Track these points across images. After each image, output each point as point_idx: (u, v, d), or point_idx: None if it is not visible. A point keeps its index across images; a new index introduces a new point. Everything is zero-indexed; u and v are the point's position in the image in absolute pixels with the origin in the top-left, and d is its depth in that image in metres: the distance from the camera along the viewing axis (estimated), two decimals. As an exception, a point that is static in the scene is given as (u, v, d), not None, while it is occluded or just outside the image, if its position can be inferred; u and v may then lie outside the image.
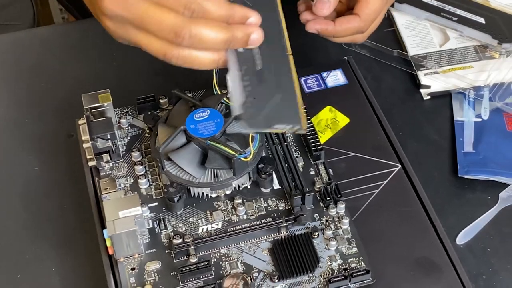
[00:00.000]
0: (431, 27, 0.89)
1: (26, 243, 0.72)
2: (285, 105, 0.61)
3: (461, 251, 0.71)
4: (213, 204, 0.68)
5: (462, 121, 0.80)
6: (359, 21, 0.72)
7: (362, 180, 0.70)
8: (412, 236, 0.67)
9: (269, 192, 0.68)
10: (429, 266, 0.65)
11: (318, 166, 0.70)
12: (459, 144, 0.78)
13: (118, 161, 0.71)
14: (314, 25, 0.73)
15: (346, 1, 0.75)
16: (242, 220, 0.67)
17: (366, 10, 0.72)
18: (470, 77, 0.83)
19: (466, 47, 0.86)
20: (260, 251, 0.65)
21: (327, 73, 0.79)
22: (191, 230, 0.66)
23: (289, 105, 0.61)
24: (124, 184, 0.70)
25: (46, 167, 0.78)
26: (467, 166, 0.76)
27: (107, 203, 0.64)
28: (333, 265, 0.64)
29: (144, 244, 0.65)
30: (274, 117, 0.60)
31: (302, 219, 0.65)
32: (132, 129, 0.74)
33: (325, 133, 0.74)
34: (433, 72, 0.84)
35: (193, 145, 0.67)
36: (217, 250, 0.65)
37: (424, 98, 0.83)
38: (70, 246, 0.72)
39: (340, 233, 0.66)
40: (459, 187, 0.76)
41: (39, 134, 0.81)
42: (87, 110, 0.70)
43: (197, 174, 0.66)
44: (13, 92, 0.85)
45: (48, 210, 0.75)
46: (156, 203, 0.68)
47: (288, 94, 0.61)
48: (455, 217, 0.73)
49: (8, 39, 0.93)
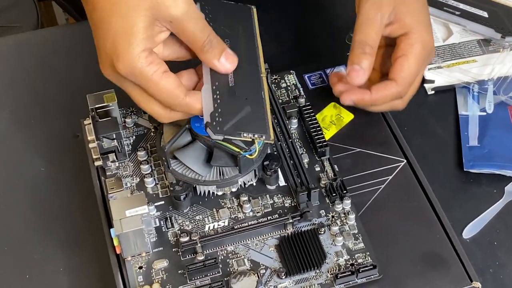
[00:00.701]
0: (434, 22, 0.88)
1: (34, 243, 0.72)
2: (254, 116, 0.63)
3: (467, 245, 0.71)
4: (219, 201, 0.68)
5: (467, 115, 0.80)
6: (396, 86, 0.69)
7: (368, 175, 0.70)
8: (418, 230, 0.67)
9: (275, 189, 0.69)
10: (436, 260, 0.65)
11: (323, 162, 0.71)
12: (464, 138, 0.78)
13: (124, 161, 0.71)
14: (350, 95, 0.70)
15: (379, 68, 0.73)
16: (249, 217, 0.67)
17: (402, 74, 0.69)
18: (474, 71, 0.83)
19: (469, 41, 0.86)
20: (267, 248, 0.65)
21: (330, 69, 0.79)
22: (198, 228, 0.67)
23: (258, 116, 0.64)
24: (131, 184, 0.70)
25: (53, 168, 0.79)
26: (472, 160, 0.76)
27: (113, 203, 0.64)
28: (340, 260, 0.64)
29: (151, 243, 0.66)
30: (243, 126, 0.63)
31: (308, 216, 0.65)
32: (138, 128, 0.74)
33: (330, 129, 0.74)
34: (437, 67, 0.84)
35: (198, 143, 0.67)
36: (224, 248, 0.65)
37: (428, 93, 0.83)
38: (77, 246, 0.72)
39: (346, 228, 0.66)
40: (465, 181, 0.76)
41: (46, 135, 0.81)
42: (93, 110, 0.71)
43: (203, 172, 0.66)
44: (19, 94, 0.86)
45: (55, 210, 0.75)
46: (163, 201, 0.68)
47: (258, 108, 0.64)
48: (461, 211, 0.73)
49: (12, 41, 0.94)
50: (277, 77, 0.78)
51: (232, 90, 0.64)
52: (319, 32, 0.86)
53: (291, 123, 0.73)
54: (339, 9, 0.93)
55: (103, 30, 0.61)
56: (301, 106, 0.73)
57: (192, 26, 0.62)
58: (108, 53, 0.61)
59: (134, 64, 0.60)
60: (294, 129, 0.73)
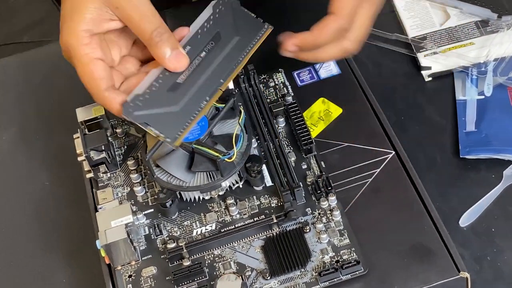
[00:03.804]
0: (430, 7, 0.87)
1: (37, 256, 0.75)
2: (175, 118, 0.63)
3: (464, 233, 0.70)
4: (207, 206, 0.69)
5: (465, 100, 0.79)
6: (336, 18, 0.66)
7: (355, 170, 0.70)
8: (406, 223, 0.66)
9: (261, 189, 0.69)
10: (423, 252, 0.64)
11: (310, 159, 0.70)
12: (461, 124, 0.77)
13: (115, 171, 0.73)
14: (291, 39, 0.68)
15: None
16: (236, 219, 0.67)
17: (339, 4, 0.67)
18: (472, 54, 0.81)
19: (467, 23, 0.84)
20: (253, 250, 0.65)
21: (320, 64, 0.78)
22: (186, 233, 0.67)
23: (179, 120, 0.63)
24: (122, 193, 0.71)
25: (57, 182, 0.81)
26: (468, 146, 0.75)
27: (100, 214, 0.66)
28: (325, 258, 0.64)
29: (140, 251, 0.67)
30: (155, 120, 0.62)
31: (292, 215, 0.65)
32: (129, 138, 0.75)
33: (318, 126, 0.73)
34: (433, 53, 0.82)
35: (180, 150, 0.67)
36: (210, 252, 0.66)
37: (426, 79, 0.82)
38: (80, 257, 0.74)
39: (332, 225, 0.66)
40: (463, 168, 0.75)
41: (50, 150, 0.83)
42: (82, 123, 0.72)
43: (187, 178, 0.67)
44: (25, 109, 0.88)
45: (59, 223, 0.77)
46: (152, 209, 0.69)
47: (186, 113, 0.63)
48: (458, 199, 0.72)
49: (36, 55, 0.96)
50: (266, 76, 0.78)
51: (175, 87, 0.64)
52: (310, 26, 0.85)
53: (278, 122, 0.73)
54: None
55: (63, 10, 0.64)
56: (287, 104, 0.73)
57: (138, 15, 0.62)
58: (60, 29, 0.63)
59: (71, 40, 0.62)
60: (282, 128, 0.73)
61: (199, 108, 0.64)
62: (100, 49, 0.63)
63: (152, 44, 0.63)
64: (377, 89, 0.77)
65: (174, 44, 0.63)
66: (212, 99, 0.65)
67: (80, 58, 0.63)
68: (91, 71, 0.63)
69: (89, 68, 0.63)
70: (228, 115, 0.69)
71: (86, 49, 0.63)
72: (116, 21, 0.64)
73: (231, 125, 0.69)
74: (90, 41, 0.63)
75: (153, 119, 0.63)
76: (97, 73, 0.63)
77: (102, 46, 0.64)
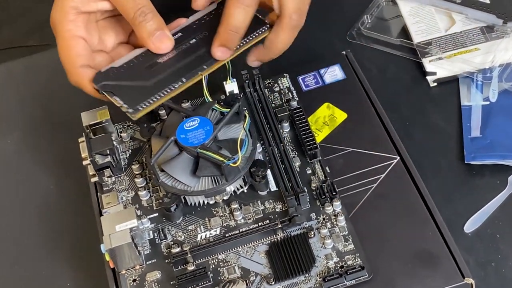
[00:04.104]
0: (436, 12, 0.87)
1: (42, 260, 0.75)
2: (143, 92, 0.63)
3: (469, 239, 0.70)
4: (211, 210, 0.69)
5: (470, 106, 0.79)
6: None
7: (360, 175, 0.70)
8: (411, 228, 0.66)
9: (266, 194, 0.69)
10: (428, 258, 0.64)
11: (314, 164, 0.70)
12: (466, 129, 0.77)
13: (120, 175, 0.73)
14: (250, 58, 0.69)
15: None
16: (240, 224, 0.67)
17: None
18: (477, 59, 0.81)
19: (472, 29, 0.84)
20: (257, 255, 0.65)
21: (325, 69, 0.78)
22: (190, 238, 0.67)
23: (145, 94, 0.63)
24: (126, 197, 0.71)
25: (62, 185, 0.81)
26: (473, 151, 0.74)
27: (105, 218, 0.66)
28: (329, 263, 0.64)
29: (145, 255, 0.67)
30: (122, 91, 0.63)
31: (296, 220, 0.65)
32: (134, 142, 0.75)
33: (323, 131, 0.73)
34: (438, 58, 0.82)
35: (185, 154, 0.67)
36: (215, 256, 0.66)
37: (431, 85, 0.82)
38: (84, 261, 0.74)
39: (336, 230, 0.66)
40: (467, 173, 0.74)
41: (55, 153, 0.83)
42: (87, 128, 0.72)
43: (191, 183, 0.67)
44: (29, 113, 0.88)
45: (64, 227, 0.77)
46: (157, 213, 0.69)
47: (155, 90, 0.63)
48: (463, 204, 0.72)
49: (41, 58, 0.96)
50: (271, 81, 0.78)
51: (153, 65, 0.64)
52: (316, 32, 0.86)
53: (283, 126, 0.73)
54: (336, 8, 0.93)
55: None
56: (292, 109, 0.73)
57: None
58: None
59: (57, 15, 0.64)
60: (287, 133, 0.73)
61: (171, 87, 0.63)
62: (84, 29, 0.64)
63: (135, 24, 0.64)
64: (382, 94, 0.77)
65: (158, 25, 0.64)
66: (189, 82, 0.64)
67: (63, 34, 0.64)
68: (70, 46, 0.64)
69: (68, 43, 0.63)
70: (233, 119, 0.69)
71: (70, 25, 0.63)
72: (105, 1, 0.65)
73: (235, 130, 0.69)
74: (75, 18, 0.63)
75: (120, 89, 0.63)
76: (75, 50, 0.64)
77: (88, 27, 0.65)
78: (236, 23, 0.64)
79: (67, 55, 0.64)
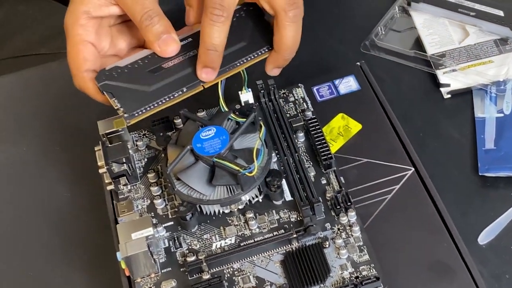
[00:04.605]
0: (449, 24, 0.87)
1: (57, 267, 0.75)
2: (142, 98, 0.64)
3: (483, 251, 0.70)
4: (226, 219, 0.69)
5: (483, 118, 0.79)
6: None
7: (375, 185, 0.70)
8: (426, 240, 0.66)
9: (281, 204, 0.69)
10: (443, 269, 0.64)
11: (329, 175, 0.71)
12: (480, 141, 0.77)
13: (136, 183, 0.73)
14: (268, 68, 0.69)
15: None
16: (255, 233, 0.68)
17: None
18: (491, 72, 0.82)
19: (486, 41, 0.85)
20: (272, 264, 0.66)
21: (339, 80, 0.79)
22: (205, 247, 0.68)
23: (144, 101, 0.64)
24: (142, 206, 0.71)
25: (77, 193, 0.81)
26: (487, 163, 0.75)
27: (121, 226, 0.66)
28: (344, 274, 0.64)
29: (160, 263, 0.67)
30: (121, 94, 0.63)
31: (311, 230, 0.66)
32: (149, 151, 0.76)
33: (337, 141, 0.74)
34: (452, 70, 0.83)
35: (201, 163, 0.68)
36: (230, 266, 0.66)
37: (445, 97, 0.82)
38: (99, 269, 0.74)
39: (351, 241, 0.66)
40: (481, 185, 0.75)
41: (70, 161, 0.84)
42: (103, 136, 0.73)
43: (207, 192, 0.67)
44: (45, 121, 0.89)
45: (78, 235, 0.77)
46: (172, 222, 0.70)
47: (153, 97, 0.64)
48: (477, 216, 0.72)
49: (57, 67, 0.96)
50: (286, 91, 0.78)
51: (157, 70, 0.64)
52: (329, 43, 0.86)
53: (298, 137, 0.74)
54: (350, 19, 0.93)
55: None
56: (307, 119, 0.73)
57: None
58: None
59: (69, 20, 0.65)
60: (301, 143, 0.74)
61: (170, 96, 0.64)
62: (94, 33, 0.65)
63: (143, 27, 0.64)
64: (396, 105, 0.78)
65: (165, 28, 0.64)
66: (189, 92, 0.64)
67: (72, 38, 0.65)
68: (78, 50, 0.65)
69: (77, 47, 0.65)
70: (249, 129, 0.70)
71: (80, 30, 0.65)
72: (116, 6, 0.66)
73: (251, 140, 0.69)
74: (86, 23, 0.64)
75: (120, 92, 0.63)
76: (83, 54, 0.65)
77: (100, 31, 0.66)
78: (212, 41, 0.64)
79: (74, 58, 0.66)
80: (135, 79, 0.64)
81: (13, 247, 0.78)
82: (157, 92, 0.64)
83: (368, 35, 0.88)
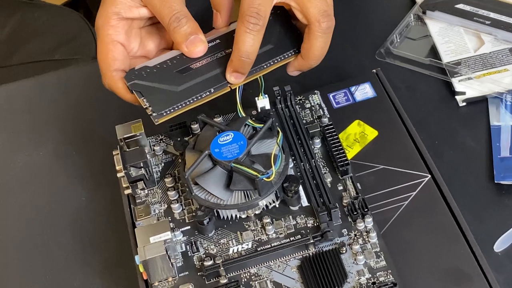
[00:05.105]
0: (465, 33, 0.88)
1: (74, 271, 0.76)
2: (171, 98, 0.65)
3: (499, 258, 0.70)
4: (243, 224, 0.69)
5: (499, 126, 0.79)
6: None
7: (391, 192, 0.70)
8: (443, 246, 0.66)
9: (297, 209, 0.69)
10: (460, 276, 0.64)
11: (346, 181, 0.71)
12: (495, 149, 0.77)
13: (153, 188, 0.74)
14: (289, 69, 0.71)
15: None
16: (272, 239, 0.68)
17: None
18: (507, 80, 0.82)
19: (501, 50, 0.85)
20: (289, 269, 0.66)
21: (355, 87, 0.79)
22: (222, 251, 0.68)
23: (172, 100, 0.65)
24: (159, 210, 0.72)
25: (93, 197, 0.82)
26: (503, 171, 0.75)
27: (139, 230, 0.67)
28: (361, 279, 0.64)
29: (177, 267, 0.67)
30: (150, 93, 0.65)
31: (328, 235, 0.66)
32: (166, 155, 0.76)
33: (353, 148, 0.74)
34: (467, 78, 0.83)
35: (218, 168, 0.68)
36: (247, 270, 0.66)
37: (460, 104, 0.83)
38: (116, 273, 0.74)
39: (368, 247, 0.66)
40: (497, 193, 0.75)
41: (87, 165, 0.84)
42: (121, 141, 0.73)
43: (224, 197, 0.68)
44: (63, 126, 0.89)
45: (95, 239, 0.78)
46: (189, 226, 0.70)
47: (182, 97, 0.65)
48: (493, 224, 0.72)
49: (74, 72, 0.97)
50: (302, 97, 0.79)
51: (186, 70, 0.65)
52: (345, 51, 0.86)
53: (314, 143, 0.74)
54: (365, 27, 0.94)
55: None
56: (323, 126, 0.74)
57: (159, 1, 0.65)
58: None
59: (100, 21, 0.66)
60: (318, 149, 0.74)
61: (198, 96, 0.65)
62: (124, 34, 0.67)
63: (170, 29, 0.65)
64: (411, 112, 0.78)
65: (193, 29, 0.65)
66: (216, 93, 0.66)
67: (103, 38, 0.66)
68: (108, 50, 0.66)
69: (107, 47, 0.66)
70: (266, 135, 0.70)
71: (110, 30, 0.66)
72: (145, 8, 0.67)
73: (268, 145, 0.70)
74: (116, 24, 0.66)
75: (149, 91, 0.65)
76: (112, 54, 0.66)
77: (129, 33, 0.68)
78: (246, 49, 0.65)
79: (104, 58, 0.67)
80: (164, 79, 0.65)
81: (31, 251, 0.78)
82: (185, 92, 0.65)
83: (383, 43, 0.88)
